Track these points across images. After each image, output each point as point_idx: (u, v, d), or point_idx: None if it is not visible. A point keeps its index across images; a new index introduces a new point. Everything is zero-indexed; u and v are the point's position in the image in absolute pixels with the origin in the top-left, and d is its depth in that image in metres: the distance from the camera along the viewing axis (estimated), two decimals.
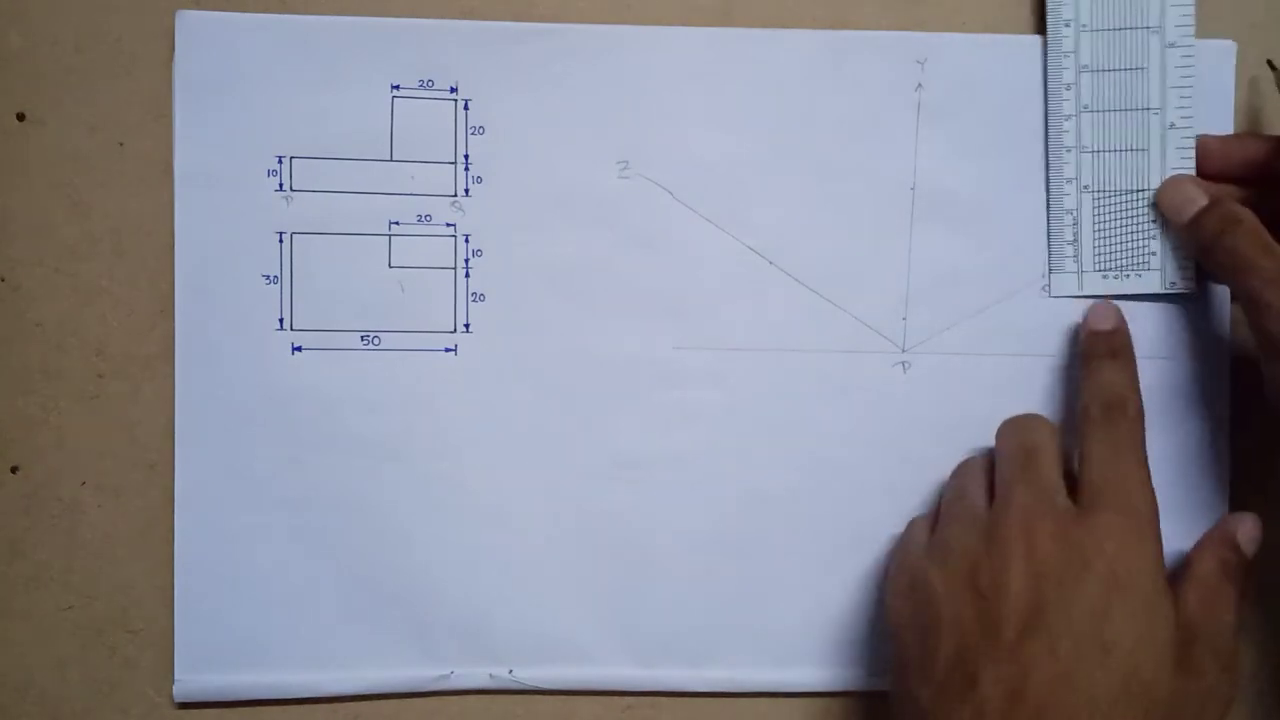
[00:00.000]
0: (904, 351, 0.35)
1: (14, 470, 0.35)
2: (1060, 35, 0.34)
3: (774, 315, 0.35)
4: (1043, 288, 0.35)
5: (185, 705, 0.35)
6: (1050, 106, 0.35)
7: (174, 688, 0.35)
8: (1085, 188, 0.35)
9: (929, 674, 0.29)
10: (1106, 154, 0.34)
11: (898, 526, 0.35)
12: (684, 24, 0.35)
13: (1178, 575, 0.31)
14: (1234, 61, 0.35)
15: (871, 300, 0.35)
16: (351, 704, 0.35)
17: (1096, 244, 0.35)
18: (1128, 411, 0.32)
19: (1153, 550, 0.30)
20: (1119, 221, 0.35)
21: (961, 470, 0.34)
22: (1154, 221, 0.35)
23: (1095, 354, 0.34)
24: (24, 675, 0.35)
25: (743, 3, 0.35)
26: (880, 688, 0.35)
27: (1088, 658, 0.28)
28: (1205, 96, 0.35)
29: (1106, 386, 0.33)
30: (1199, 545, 0.32)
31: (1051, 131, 0.35)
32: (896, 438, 0.35)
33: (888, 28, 0.35)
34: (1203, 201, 0.33)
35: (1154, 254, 0.35)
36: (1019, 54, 0.35)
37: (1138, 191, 0.35)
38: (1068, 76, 0.34)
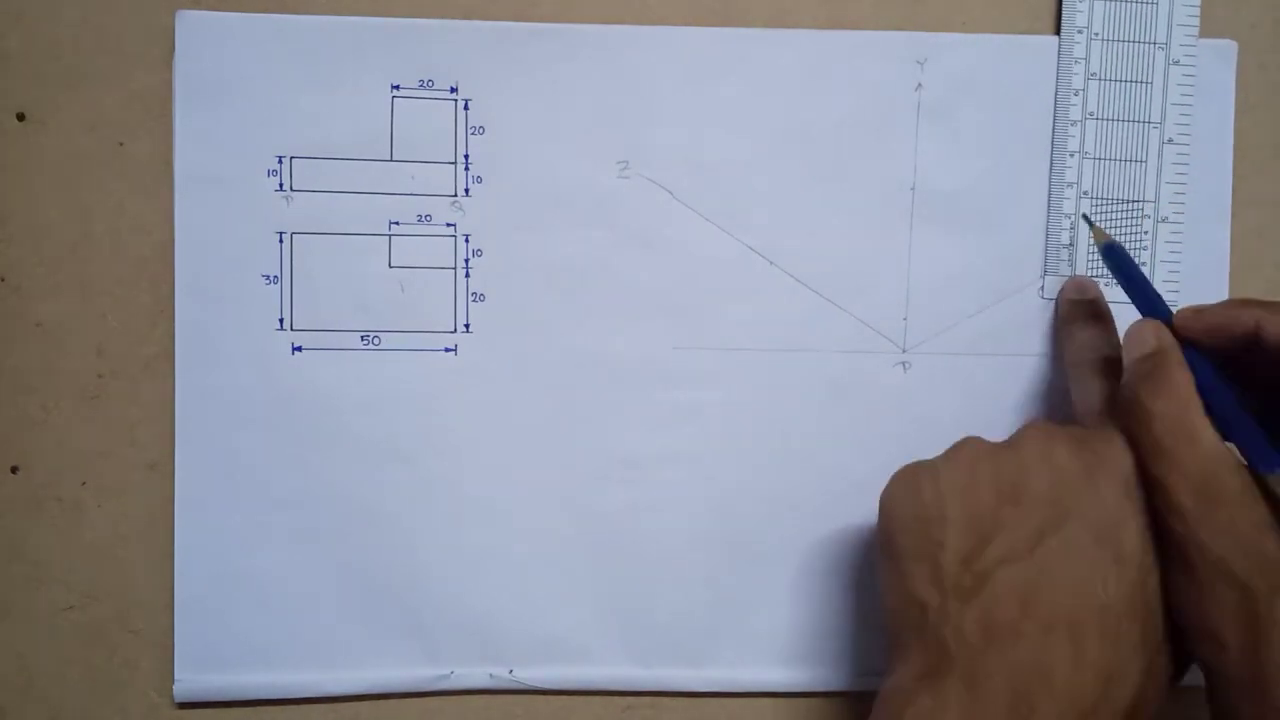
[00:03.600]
0: (904, 351, 0.35)
1: (14, 470, 0.35)
2: (1073, 41, 0.34)
3: (774, 315, 0.35)
4: (1040, 289, 0.35)
5: (185, 705, 0.35)
6: (1058, 111, 0.35)
7: (174, 688, 0.35)
8: (1085, 193, 0.35)
9: (936, 570, 0.28)
10: (1107, 162, 0.35)
11: None
12: (684, 24, 0.35)
13: None
14: (1234, 62, 0.35)
15: (871, 300, 0.35)
16: (351, 704, 0.35)
17: (1091, 250, 0.35)
18: (1115, 365, 0.32)
19: None
20: (1114, 229, 0.35)
21: None
22: (1146, 233, 0.35)
23: (1075, 318, 0.34)
24: (24, 675, 0.35)
25: (743, 3, 0.35)
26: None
27: (1102, 566, 0.28)
28: (1205, 97, 0.35)
29: (1091, 342, 0.33)
30: None
31: (1057, 136, 0.35)
32: (896, 438, 0.35)
33: (888, 28, 0.35)
34: (1149, 347, 0.30)
35: (1144, 264, 0.35)
36: (1019, 54, 0.35)
37: (1133, 202, 0.35)
38: (1077, 82, 0.34)
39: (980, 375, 0.35)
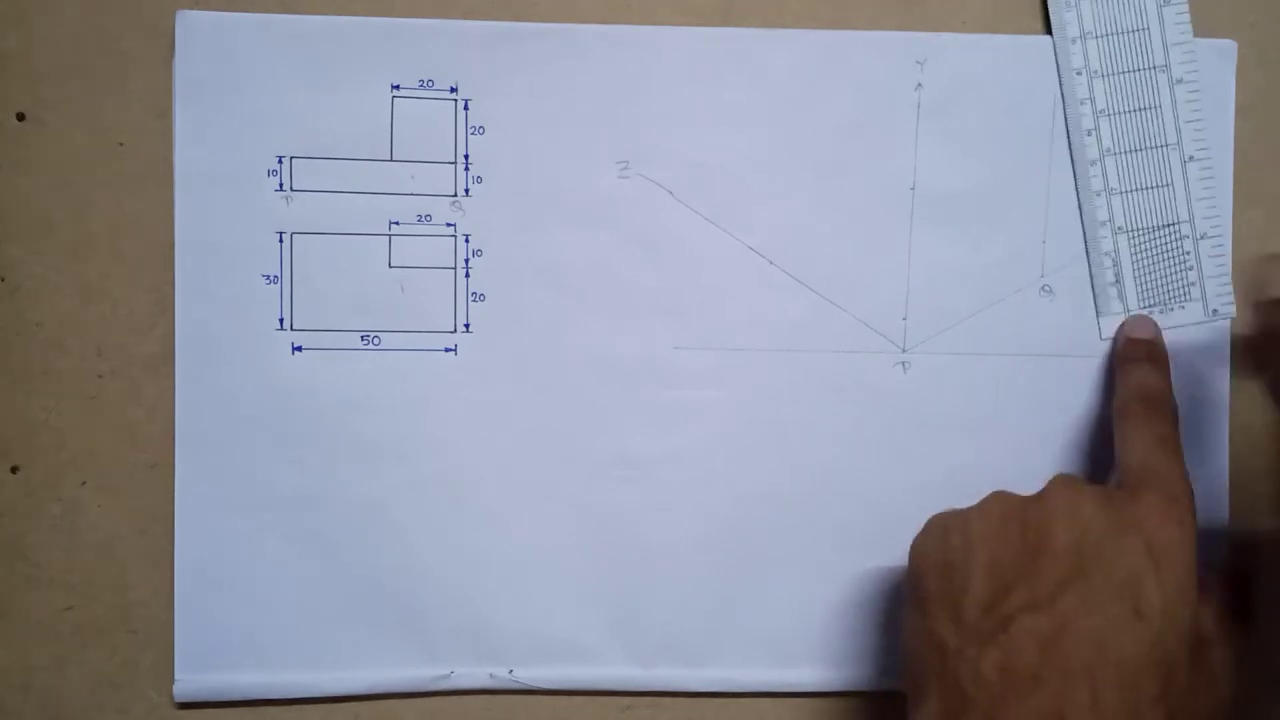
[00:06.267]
0: (904, 351, 0.35)
1: (14, 470, 0.35)
2: (1074, 84, 0.35)
3: (774, 315, 0.35)
4: (1042, 289, 0.35)
5: (185, 705, 0.35)
6: (1075, 154, 0.35)
7: (174, 688, 0.35)
8: (1120, 229, 0.35)
9: (958, 613, 0.29)
10: (1135, 193, 0.35)
11: (897, 526, 0.34)
12: (684, 24, 0.35)
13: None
14: (1234, 61, 0.35)
15: (871, 300, 0.35)
16: (351, 704, 0.35)
17: (1138, 281, 0.35)
18: (1166, 408, 0.32)
19: (1190, 535, 0.29)
20: (1157, 257, 0.35)
21: None
22: (1188, 252, 0.35)
23: (1133, 358, 0.34)
24: (24, 675, 0.35)
25: (743, 3, 0.35)
26: (881, 687, 0.35)
27: (1121, 620, 0.28)
28: (1205, 97, 0.35)
29: (1145, 384, 0.33)
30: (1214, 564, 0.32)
31: (1079, 177, 0.35)
32: (896, 438, 0.35)
33: (888, 28, 0.35)
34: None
35: (1194, 284, 0.35)
36: (1019, 54, 0.35)
37: (1169, 225, 0.35)
38: (1087, 123, 0.35)
39: (980, 375, 0.35)
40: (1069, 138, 0.35)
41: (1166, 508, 0.29)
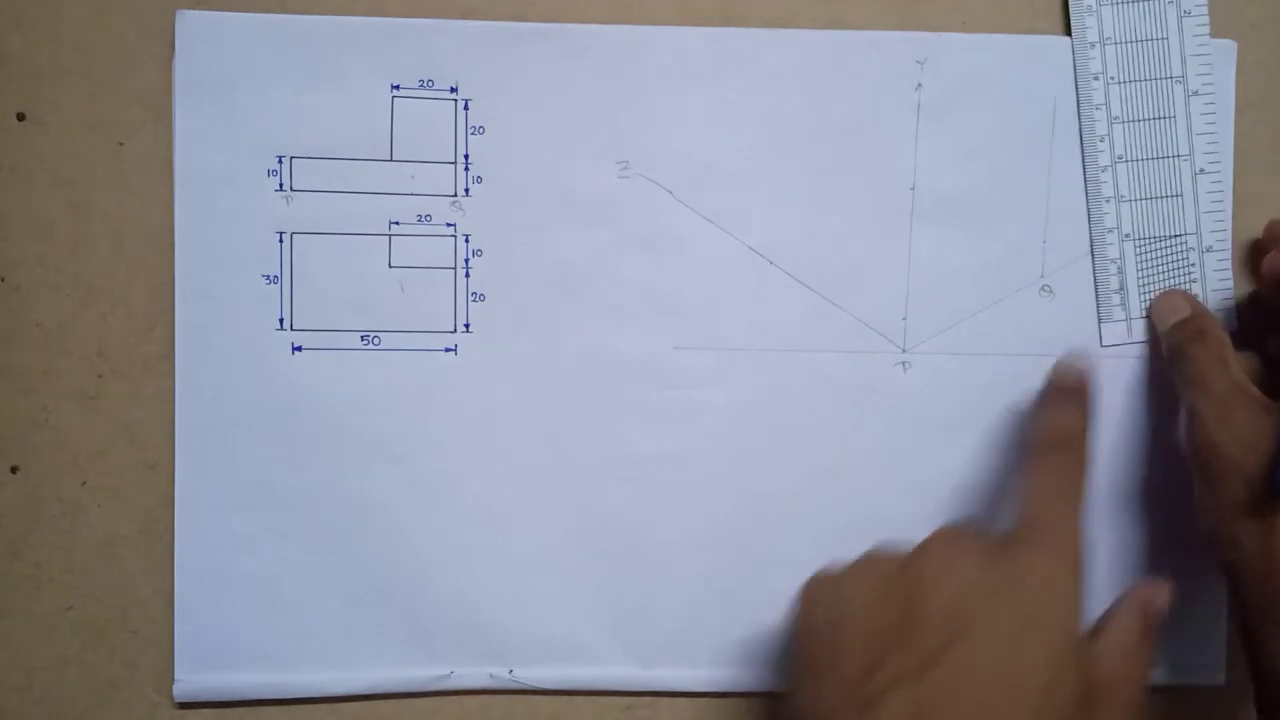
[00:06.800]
0: (904, 351, 0.35)
1: (14, 470, 0.35)
2: (1090, 88, 0.34)
3: (774, 315, 0.35)
4: (1042, 289, 0.35)
5: (185, 705, 0.35)
6: (1086, 159, 0.35)
7: (174, 688, 0.35)
8: (1126, 236, 0.35)
9: (831, 684, 0.28)
10: (1144, 202, 0.35)
11: (897, 527, 0.34)
12: (684, 24, 0.35)
13: (1095, 628, 0.30)
14: (1234, 61, 0.35)
15: (871, 300, 0.35)
16: (351, 704, 0.35)
17: (1142, 290, 0.35)
18: (1079, 455, 0.31)
19: (1074, 595, 0.28)
20: (1162, 267, 0.35)
21: None
22: (1193, 264, 0.35)
23: (1056, 401, 0.33)
24: (24, 675, 0.35)
25: (743, 3, 0.35)
26: None
27: (996, 692, 0.27)
28: None
29: (1061, 428, 0.32)
30: (1118, 602, 0.31)
31: (1089, 183, 0.35)
32: (896, 438, 0.35)
33: (888, 28, 0.35)
34: (1185, 314, 0.34)
35: (1196, 295, 0.35)
36: (1019, 54, 0.35)
37: (1175, 236, 0.35)
38: (1100, 129, 0.35)
39: (980, 375, 0.35)
40: (1081, 142, 0.35)
41: (1049, 563, 0.28)
